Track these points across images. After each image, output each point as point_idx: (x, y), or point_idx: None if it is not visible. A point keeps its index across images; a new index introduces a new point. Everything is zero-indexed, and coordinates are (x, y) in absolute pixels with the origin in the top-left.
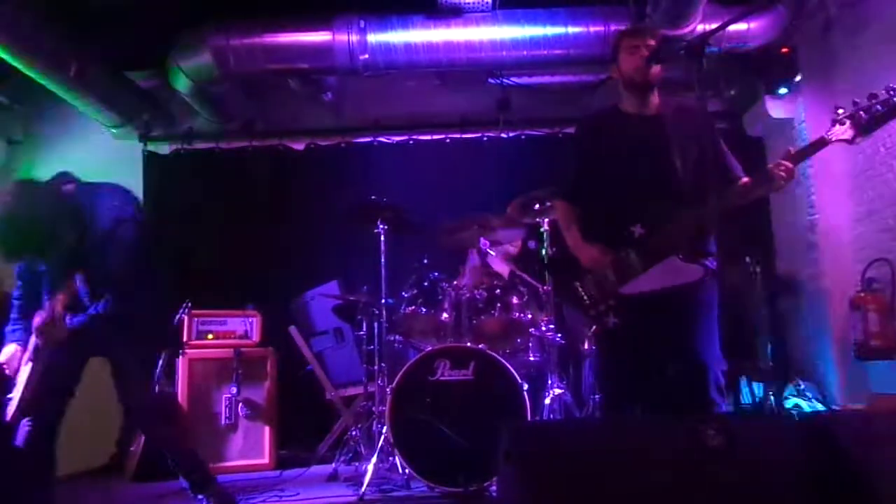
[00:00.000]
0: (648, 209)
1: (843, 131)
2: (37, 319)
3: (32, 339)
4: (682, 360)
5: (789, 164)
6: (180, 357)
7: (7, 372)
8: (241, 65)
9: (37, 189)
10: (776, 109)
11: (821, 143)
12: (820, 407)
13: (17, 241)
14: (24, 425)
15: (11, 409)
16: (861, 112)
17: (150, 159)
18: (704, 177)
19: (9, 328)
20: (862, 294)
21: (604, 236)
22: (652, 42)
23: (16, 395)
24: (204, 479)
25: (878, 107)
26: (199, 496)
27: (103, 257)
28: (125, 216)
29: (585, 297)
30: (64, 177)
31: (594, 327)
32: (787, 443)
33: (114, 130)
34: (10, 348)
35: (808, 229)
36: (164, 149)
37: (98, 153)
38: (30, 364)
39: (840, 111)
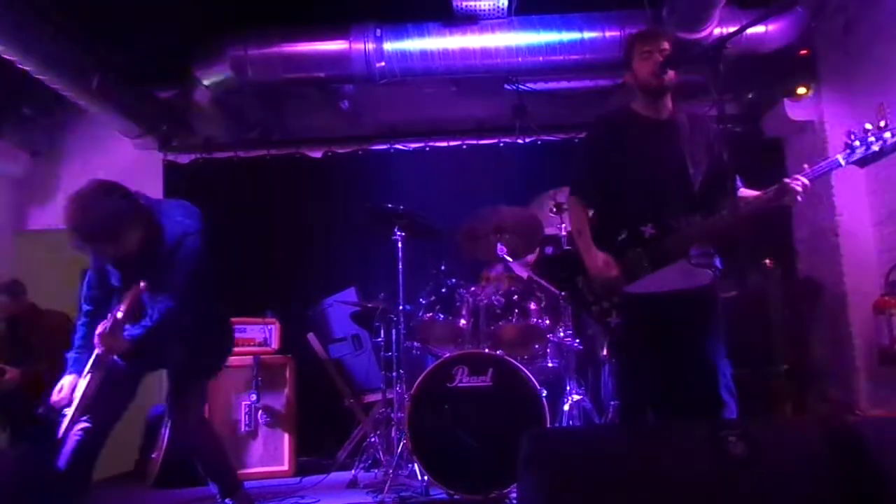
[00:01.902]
0: (660, 211)
1: (855, 157)
2: (99, 328)
3: (95, 351)
4: (691, 361)
5: (806, 181)
6: None
7: (58, 403)
8: (259, 74)
9: (118, 187)
10: (795, 112)
11: (834, 164)
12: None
13: (89, 224)
14: (75, 434)
15: (66, 422)
16: (872, 138)
17: (169, 169)
18: (714, 184)
19: (71, 354)
20: (885, 298)
21: (614, 235)
22: (665, 45)
23: (71, 410)
24: (233, 484)
25: (889, 135)
26: (227, 500)
27: (168, 270)
28: (191, 229)
29: (589, 295)
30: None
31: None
32: (811, 449)
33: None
34: (68, 379)
35: (830, 232)
36: (184, 158)
37: (119, 163)
38: (89, 376)
39: (852, 135)
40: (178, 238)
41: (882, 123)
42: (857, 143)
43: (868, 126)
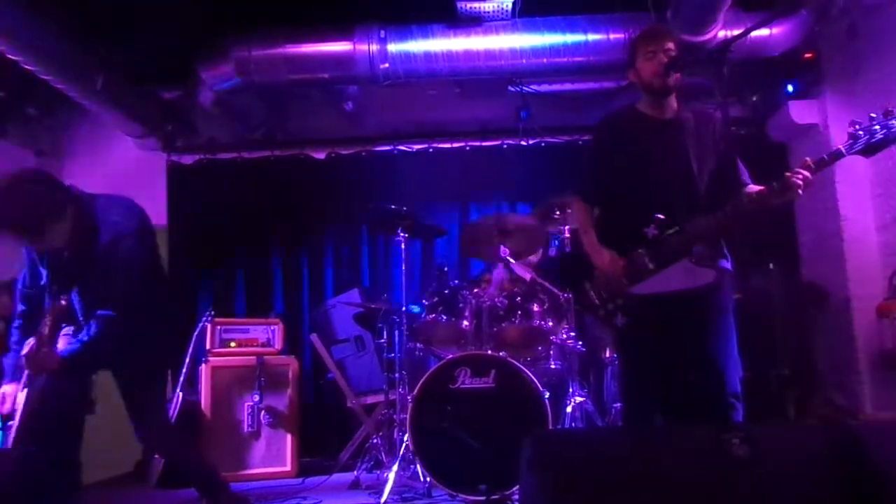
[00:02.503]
0: (663, 211)
1: (860, 145)
2: (25, 349)
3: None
4: (697, 364)
5: (807, 174)
6: (203, 365)
7: (4, 407)
8: (263, 75)
9: (46, 177)
10: (800, 115)
11: (837, 156)
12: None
13: (8, 214)
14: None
15: (12, 440)
16: (877, 126)
17: (173, 169)
18: (720, 183)
19: (7, 359)
20: (889, 301)
21: (617, 236)
22: (670, 45)
23: (15, 422)
24: (215, 488)
25: (892, 122)
26: None
27: (103, 274)
28: (125, 231)
29: (594, 297)
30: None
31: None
32: (814, 453)
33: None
34: (7, 389)
35: (834, 236)
36: (188, 159)
37: (123, 164)
38: (24, 391)
39: (856, 125)
40: (112, 239)
41: (887, 111)
42: (860, 132)
43: (872, 115)
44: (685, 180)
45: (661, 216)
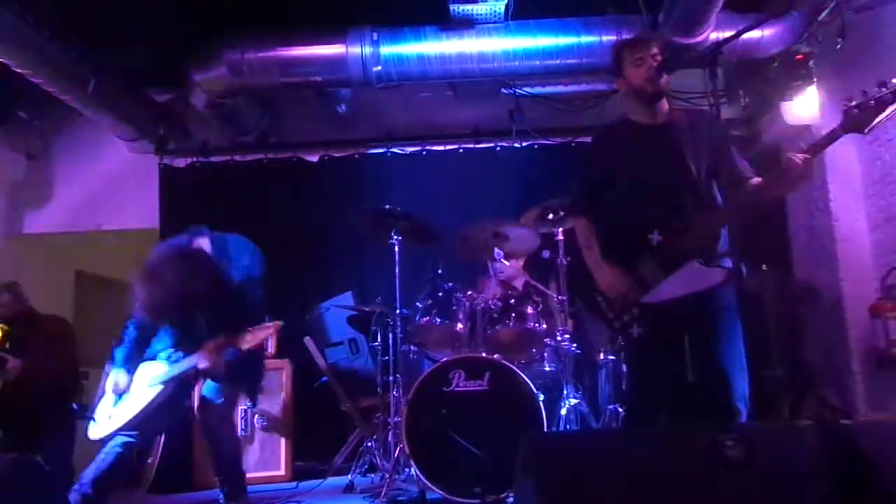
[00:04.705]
0: (664, 216)
1: (854, 119)
2: (211, 345)
3: (174, 369)
4: (706, 368)
5: (807, 155)
6: None
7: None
8: (255, 78)
9: (174, 253)
10: (792, 116)
11: (833, 135)
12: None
13: (162, 304)
14: (117, 446)
15: (117, 422)
16: (870, 100)
17: (165, 172)
18: (720, 181)
19: (119, 350)
20: (882, 301)
21: (621, 246)
22: (656, 51)
23: (126, 410)
24: (241, 489)
25: (884, 90)
26: None
27: (232, 309)
28: (256, 275)
29: (608, 309)
30: (197, 232)
31: (619, 338)
32: (809, 453)
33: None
34: (120, 373)
35: (827, 236)
36: (180, 162)
37: (115, 167)
38: (161, 387)
39: (850, 102)
40: (243, 280)
41: (880, 82)
42: (854, 108)
43: (865, 90)
44: (685, 182)
45: (659, 237)
